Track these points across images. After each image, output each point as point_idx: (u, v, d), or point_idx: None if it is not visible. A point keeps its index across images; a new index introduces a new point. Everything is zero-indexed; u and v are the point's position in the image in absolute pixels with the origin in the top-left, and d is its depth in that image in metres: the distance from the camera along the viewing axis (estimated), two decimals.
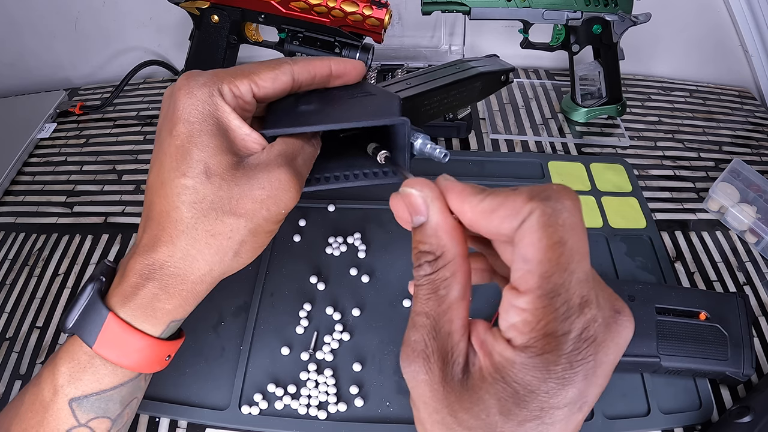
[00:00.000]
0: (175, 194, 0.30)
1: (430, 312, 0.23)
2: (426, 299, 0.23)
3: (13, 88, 0.82)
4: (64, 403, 0.31)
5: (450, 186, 0.24)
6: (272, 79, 0.32)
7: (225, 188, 0.30)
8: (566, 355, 0.20)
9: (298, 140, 0.33)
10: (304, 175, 0.33)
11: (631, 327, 0.22)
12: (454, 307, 0.23)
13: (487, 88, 0.44)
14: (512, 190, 0.22)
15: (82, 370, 0.31)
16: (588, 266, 0.21)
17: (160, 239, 0.31)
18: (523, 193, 0.21)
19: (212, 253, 0.31)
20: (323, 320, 0.50)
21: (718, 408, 0.46)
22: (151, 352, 0.32)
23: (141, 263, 0.31)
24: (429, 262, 0.23)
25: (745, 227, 0.59)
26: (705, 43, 0.81)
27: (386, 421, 0.45)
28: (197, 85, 0.31)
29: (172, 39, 0.81)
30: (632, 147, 0.70)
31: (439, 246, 0.23)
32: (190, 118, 0.30)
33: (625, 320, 0.22)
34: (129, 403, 0.33)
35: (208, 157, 0.30)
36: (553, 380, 0.20)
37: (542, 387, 0.20)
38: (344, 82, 0.35)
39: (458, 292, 0.23)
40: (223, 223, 0.30)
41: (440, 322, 0.23)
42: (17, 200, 0.63)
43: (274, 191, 0.30)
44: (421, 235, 0.24)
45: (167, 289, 0.31)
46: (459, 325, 0.23)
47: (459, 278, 0.23)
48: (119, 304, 0.31)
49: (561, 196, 0.21)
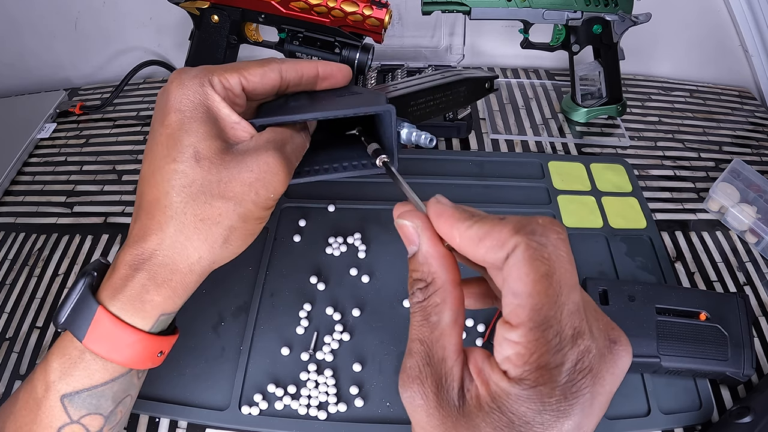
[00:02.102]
0: (166, 180, 0.30)
1: (423, 339, 0.23)
2: (419, 326, 0.24)
3: (13, 88, 0.82)
4: (56, 400, 0.31)
5: (440, 211, 0.24)
6: (261, 75, 0.33)
7: (214, 171, 0.30)
8: (560, 387, 0.20)
9: (287, 130, 0.33)
10: (293, 162, 0.33)
11: (628, 356, 0.22)
12: (446, 333, 0.23)
13: (473, 94, 0.45)
14: (499, 220, 0.22)
15: (73, 365, 0.31)
16: (578, 297, 0.21)
17: (149, 228, 0.31)
18: (509, 224, 0.22)
19: (201, 239, 0.31)
20: (323, 320, 0.50)
21: (718, 408, 0.46)
22: (142, 347, 0.32)
23: (130, 254, 0.31)
24: (420, 289, 0.24)
25: (745, 227, 0.59)
26: (705, 43, 0.81)
27: (386, 422, 0.45)
28: (188, 78, 0.31)
29: (172, 39, 0.81)
30: (632, 147, 0.70)
31: (430, 273, 0.24)
32: (181, 107, 0.31)
33: (621, 350, 0.22)
34: (122, 400, 0.33)
35: (197, 141, 0.30)
36: (548, 412, 0.20)
37: (537, 419, 0.20)
38: (331, 85, 0.36)
39: (449, 318, 0.23)
40: (212, 207, 0.30)
41: (434, 348, 0.23)
42: (17, 200, 0.63)
43: (263, 174, 0.31)
44: (414, 263, 0.25)
45: (156, 279, 0.31)
46: (452, 351, 0.23)
47: (450, 304, 0.23)
48: (109, 298, 0.31)
49: (546, 230, 0.21)
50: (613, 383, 0.21)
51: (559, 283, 0.21)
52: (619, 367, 0.21)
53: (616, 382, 0.21)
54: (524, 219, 0.22)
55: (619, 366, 0.21)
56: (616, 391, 0.22)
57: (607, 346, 0.21)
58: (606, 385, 0.21)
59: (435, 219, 0.24)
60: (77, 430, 0.31)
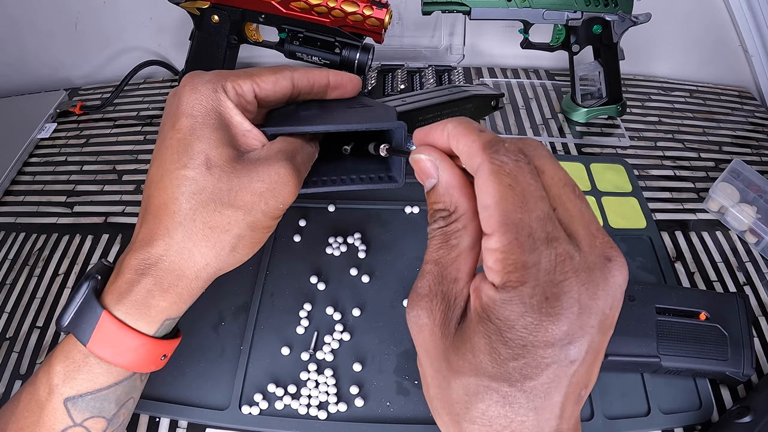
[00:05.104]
0: (175, 185, 0.30)
1: (439, 259, 0.24)
2: (437, 248, 0.24)
3: (13, 88, 0.82)
4: (59, 403, 0.31)
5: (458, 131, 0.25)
6: (273, 82, 0.33)
7: (225, 180, 0.30)
8: (540, 287, 0.20)
9: (298, 140, 0.33)
10: (302, 172, 0.33)
11: (621, 275, 0.22)
12: (464, 255, 0.24)
13: (479, 111, 0.46)
14: (478, 135, 0.24)
15: (76, 369, 0.31)
16: (546, 207, 0.22)
17: (156, 233, 0.30)
18: (479, 141, 0.23)
19: (209, 246, 0.31)
20: (323, 320, 0.50)
21: (718, 408, 0.46)
22: (146, 351, 0.32)
23: (136, 258, 0.31)
24: (443, 217, 0.25)
25: (745, 227, 0.59)
26: (705, 44, 0.81)
27: (386, 421, 0.45)
28: (201, 82, 0.31)
29: (172, 39, 0.81)
30: (632, 147, 0.70)
31: (452, 202, 0.25)
32: (193, 112, 0.31)
33: (613, 267, 0.22)
34: (125, 403, 0.33)
35: (209, 149, 0.30)
36: (530, 314, 0.20)
37: (520, 321, 0.20)
38: (341, 95, 0.37)
39: (469, 242, 0.24)
40: (221, 215, 0.30)
41: (448, 269, 0.24)
42: (17, 200, 0.63)
43: (273, 184, 0.31)
44: (435, 195, 0.25)
45: (162, 285, 0.31)
46: (465, 273, 0.24)
47: (470, 230, 0.24)
48: (114, 302, 0.31)
49: (509, 151, 0.23)
50: (606, 299, 0.21)
51: (524, 191, 0.22)
52: (611, 284, 0.22)
53: (608, 300, 0.21)
54: (494, 138, 0.23)
55: (610, 282, 0.22)
56: (616, 318, 0.22)
57: (601, 262, 0.22)
58: (598, 300, 0.21)
59: (456, 139, 0.25)
60: None
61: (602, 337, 0.22)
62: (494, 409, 0.21)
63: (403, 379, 0.47)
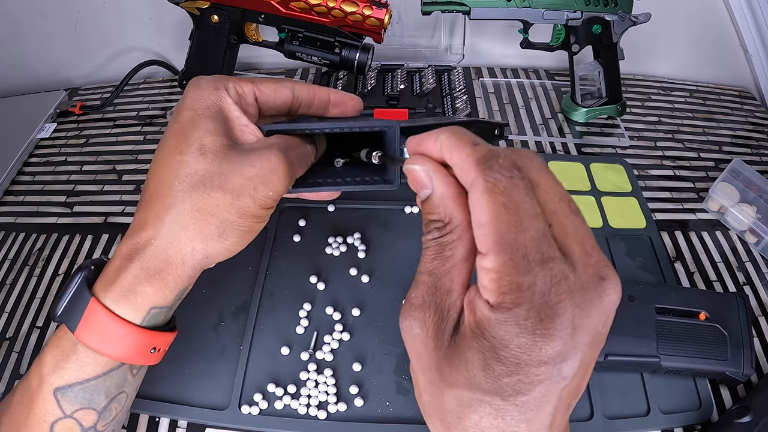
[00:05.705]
0: (171, 170, 0.31)
1: (433, 270, 0.24)
2: (431, 259, 0.24)
3: (13, 88, 0.82)
4: (49, 393, 0.31)
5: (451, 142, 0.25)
6: (273, 89, 0.35)
7: (216, 164, 0.31)
8: (535, 309, 0.21)
9: (294, 138, 0.34)
10: (295, 167, 0.33)
11: (615, 294, 0.22)
12: (458, 266, 0.24)
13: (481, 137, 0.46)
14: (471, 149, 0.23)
15: (65, 357, 0.31)
16: (542, 225, 0.22)
17: (147, 218, 0.32)
18: (473, 156, 0.23)
19: (196, 229, 0.31)
20: (323, 320, 0.50)
21: (718, 408, 0.46)
22: (133, 341, 0.32)
23: (127, 244, 0.32)
24: (437, 228, 0.25)
25: (745, 227, 0.59)
26: (705, 43, 0.81)
27: (386, 421, 0.45)
28: (205, 81, 0.33)
29: (172, 39, 0.81)
30: (632, 147, 0.70)
31: (447, 214, 0.25)
32: (194, 106, 0.33)
33: (608, 286, 0.22)
34: (116, 396, 0.33)
35: (204, 135, 0.31)
36: (525, 335, 0.20)
37: (515, 341, 0.21)
38: (342, 113, 0.38)
39: (463, 253, 0.24)
40: (210, 197, 0.31)
41: (442, 280, 0.24)
42: (17, 200, 0.63)
43: (263, 170, 0.31)
44: (429, 206, 0.25)
45: (148, 270, 0.31)
46: (459, 284, 0.24)
47: (465, 242, 0.24)
48: (102, 290, 0.31)
49: (503, 168, 0.22)
50: (599, 318, 0.22)
51: (518, 210, 0.21)
52: (604, 303, 0.22)
53: (602, 318, 0.22)
54: (490, 152, 0.23)
55: (604, 302, 0.22)
56: (607, 333, 0.22)
57: (595, 281, 0.22)
58: (592, 319, 0.21)
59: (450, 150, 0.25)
60: (70, 424, 0.32)
61: (593, 351, 0.22)
62: (486, 420, 0.22)
63: (402, 379, 0.47)
